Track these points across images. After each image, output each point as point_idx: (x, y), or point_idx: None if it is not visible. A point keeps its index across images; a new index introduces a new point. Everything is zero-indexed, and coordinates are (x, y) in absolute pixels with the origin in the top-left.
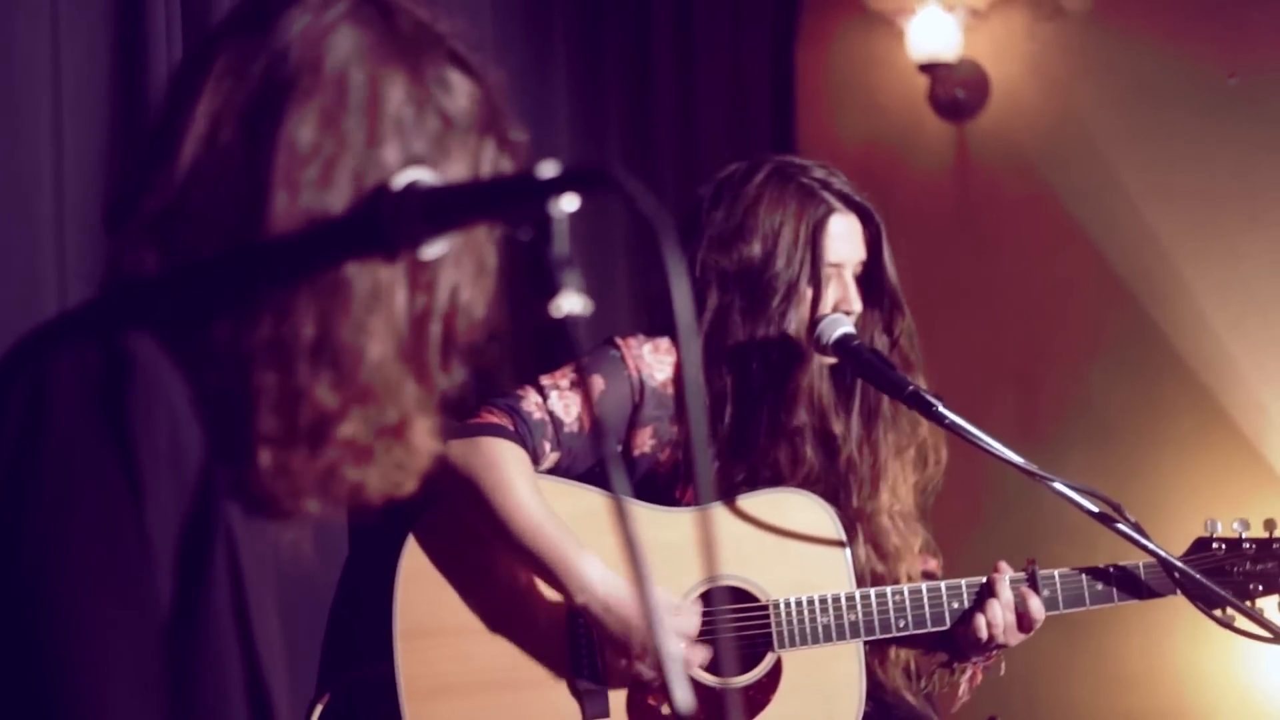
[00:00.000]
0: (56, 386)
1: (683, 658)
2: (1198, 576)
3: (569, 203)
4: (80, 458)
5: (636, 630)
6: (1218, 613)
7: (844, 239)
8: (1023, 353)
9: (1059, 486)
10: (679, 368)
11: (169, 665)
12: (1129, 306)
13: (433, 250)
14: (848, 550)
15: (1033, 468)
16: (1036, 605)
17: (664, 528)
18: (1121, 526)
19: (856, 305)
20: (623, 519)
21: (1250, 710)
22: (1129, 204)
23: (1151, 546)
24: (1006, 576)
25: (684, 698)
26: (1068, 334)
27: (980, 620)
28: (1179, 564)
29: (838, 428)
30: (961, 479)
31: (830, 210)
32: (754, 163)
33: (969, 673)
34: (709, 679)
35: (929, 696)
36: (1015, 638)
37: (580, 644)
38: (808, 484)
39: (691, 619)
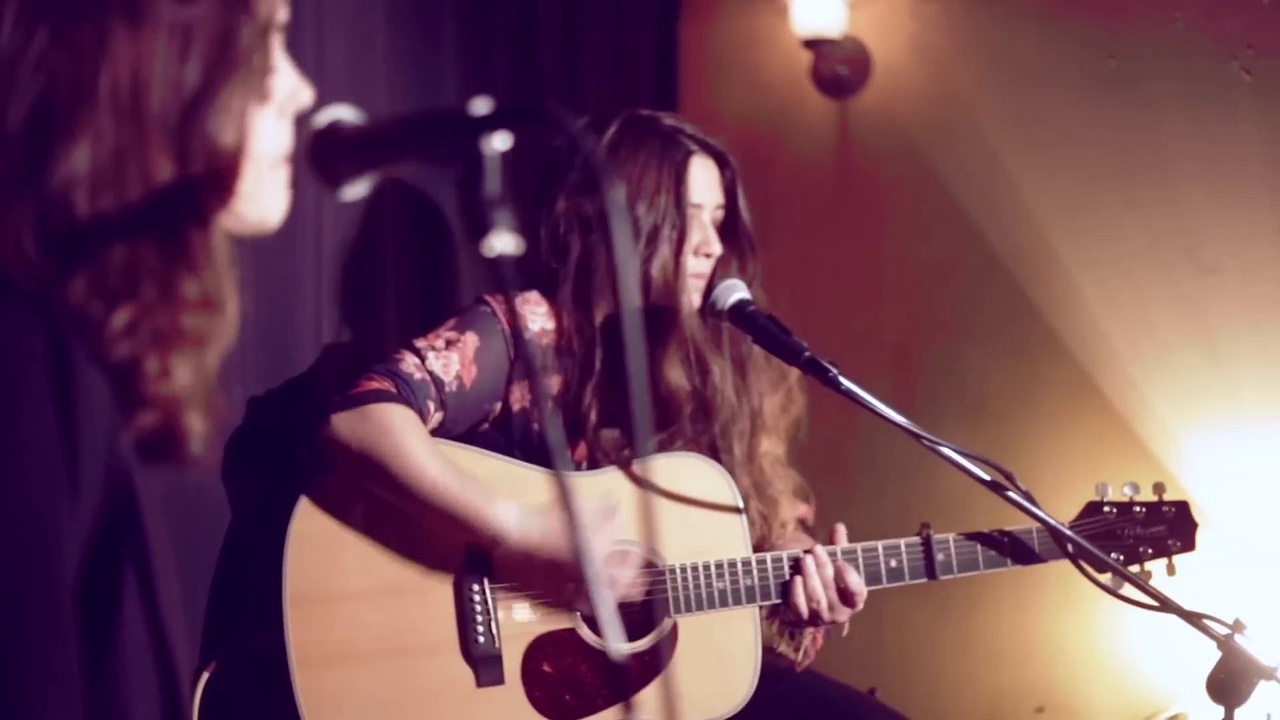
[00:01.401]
0: None
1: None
2: (1087, 546)
3: (502, 141)
4: (14, 433)
5: (565, 565)
6: (1105, 579)
7: (703, 181)
8: (900, 330)
9: (951, 453)
10: (555, 316)
11: (81, 631)
12: (1006, 284)
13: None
14: (744, 515)
15: (925, 434)
16: (855, 581)
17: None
18: (1012, 494)
19: (717, 248)
20: (564, 494)
21: (1120, 684)
22: (1008, 183)
23: (1041, 514)
24: (840, 549)
25: (617, 637)
26: (945, 311)
27: (798, 592)
28: (1068, 532)
29: (715, 375)
30: (836, 456)
31: (689, 153)
32: (605, 115)
33: (809, 637)
34: (598, 642)
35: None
36: (841, 615)
37: (475, 610)
38: (688, 435)
39: (629, 569)
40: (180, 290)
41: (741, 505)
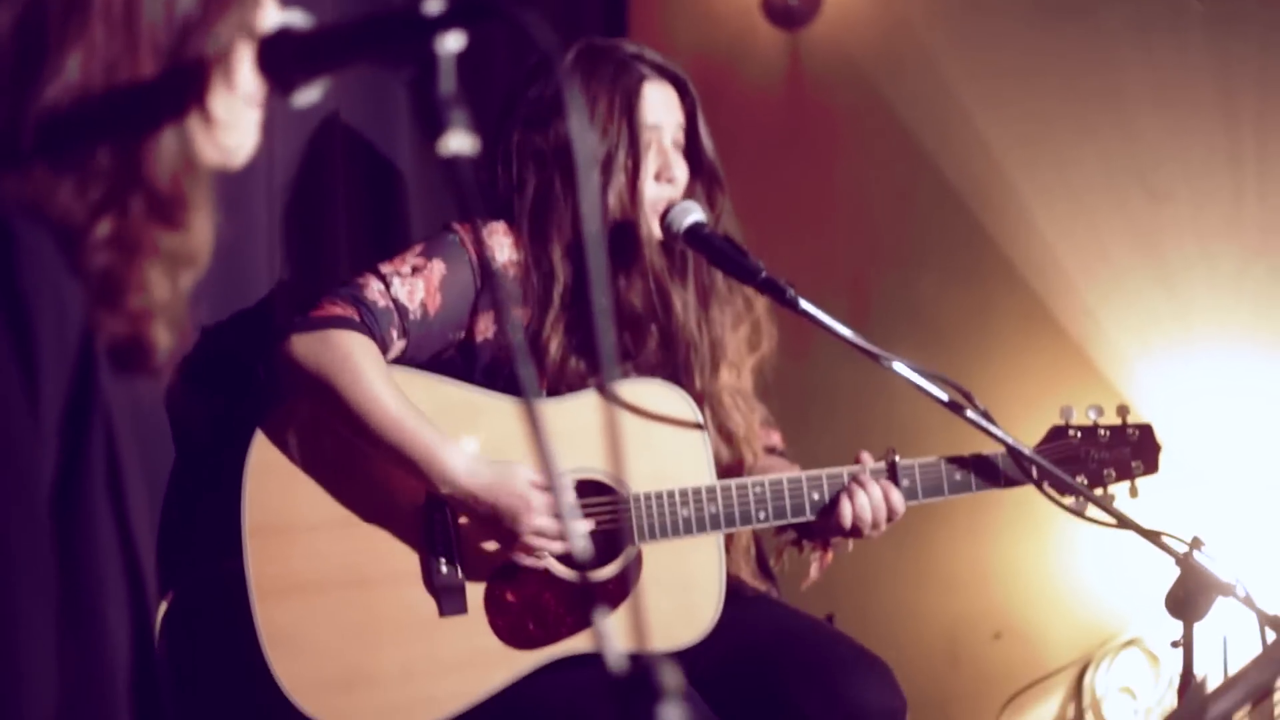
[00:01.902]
0: None
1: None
2: (1044, 463)
3: (455, 40)
4: None
5: (505, 514)
6: (1068, 501)
7: (660, 104)
8: (855, 261)
9: (908, 372)
10: (519, 246)
11: (54, 543)
12: (960, 213)
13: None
14: (708, 442)
15: (882, 352)
16: (898, 498)
17: (519, 420)
18: (971, 414)
19: (679, 172)
20: (532, 421)
21: (1077, 610)
22: (961, 113)
23: (999, 433)
24: (869, 468)
25: (583, 547)
26: (899, 242)
27: (847, 513)
28: (1027, 451)
29: (676, 306)
30: (792, 385)
31: (644, 77)
32: (560, 44)
33: (819, 553)
34: (567, 573)
35: (769, 573)
36: (880, 530)
37: (437, 540)
38: (649, 366)
39: (566, 495)
40: (162, 207)
41: (705, 430)
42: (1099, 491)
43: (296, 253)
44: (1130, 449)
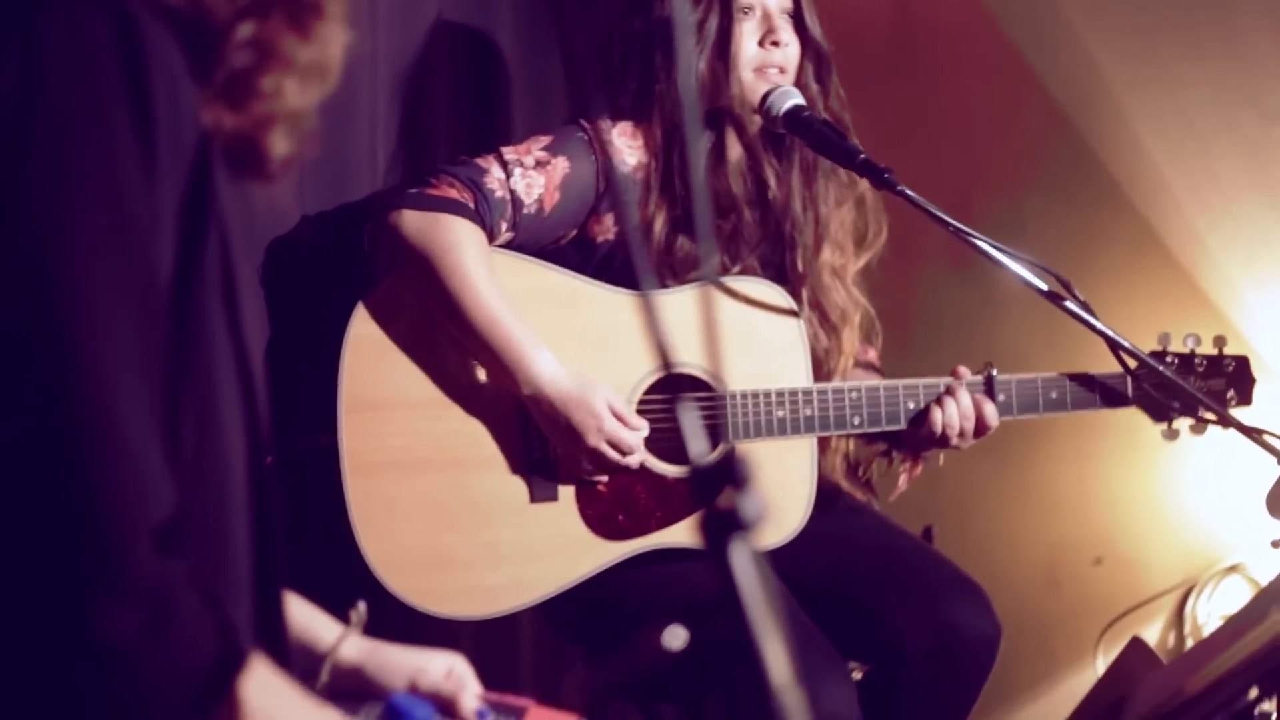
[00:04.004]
0: (54, 48)
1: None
2: (1145, 358)
3: None
4: (85, 121)
5: (576, 429)
6: (1163, 427)
7: None
8: (960, 180)
9: (1006, 259)
10: (651, 150)
11: (168, 342)
12: (1067, 134)
13: None
14: (807, 345)
15: (978, 235)
16: (991, 411)
17: (621, 310)
18: (1070, 305)
19: (786, 36)
20: (649, 313)
21: (1179, 536)
22: (1069, 30)
23: (1098, 324)
24: (965, 381)
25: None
26: (1005, 162)
27: (938, 421)
28: (1126, 343)
29: (776, 183)
30: (897, 310)
31: None
32: None
33: (908, 464)
34: (667, 469)
35: (868, 484)
36: (968, 441)
37: (532, 428)
38: (752, 247)
39: (636, 435)
40: (299, 14)
41: (805, 333)
42: (1192, 421)
43: (399, 147)
44: (1225, 380)
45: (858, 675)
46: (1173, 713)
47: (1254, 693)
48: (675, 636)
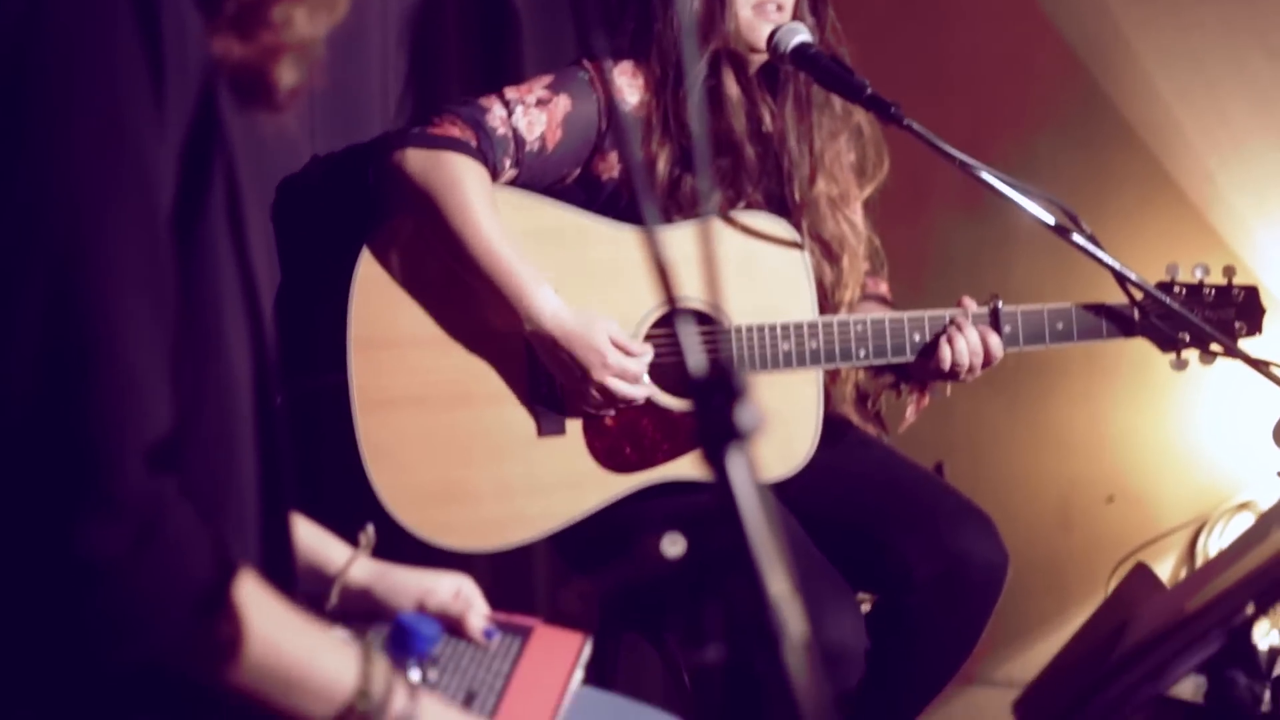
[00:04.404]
0: None
1: (638, 395)
2: (1152, 290)
3: None
4: (91, 43)
5: (579, 365)
6: (1171, 358)
7: None
8: (970, 122)
9: (1012, 192)
10: (651, 89)
11: (172, 266)
12: (1078, 75)
13: None
14: (813, 278)
15: (983, 166)
16: (996, 343)
17: (627, 246)
18: (1077, 238)
19: None
20: (653, 247)
21: (1190, 473)
22: None
23: (1104, 257)
24: (971, 313)
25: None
26: (1017, 103)
27: (945, 355)
28: (1133, 277)
29: (772, 120)
30: (908, 254)
31: None
32: None
33: (915, 395)
34: (674, 401)
35: (878, 416)
36: (974, 374)
37: (539, 363)
38: (755, 184)
39: (640, 361)
40: None
41: (810, 264)
42: (1196, 352)
43: (409, 87)
44: (1235, 310)
45: (867, 608)
46: (1170, 631)
47: (1250, 609)
48: (674, 544)
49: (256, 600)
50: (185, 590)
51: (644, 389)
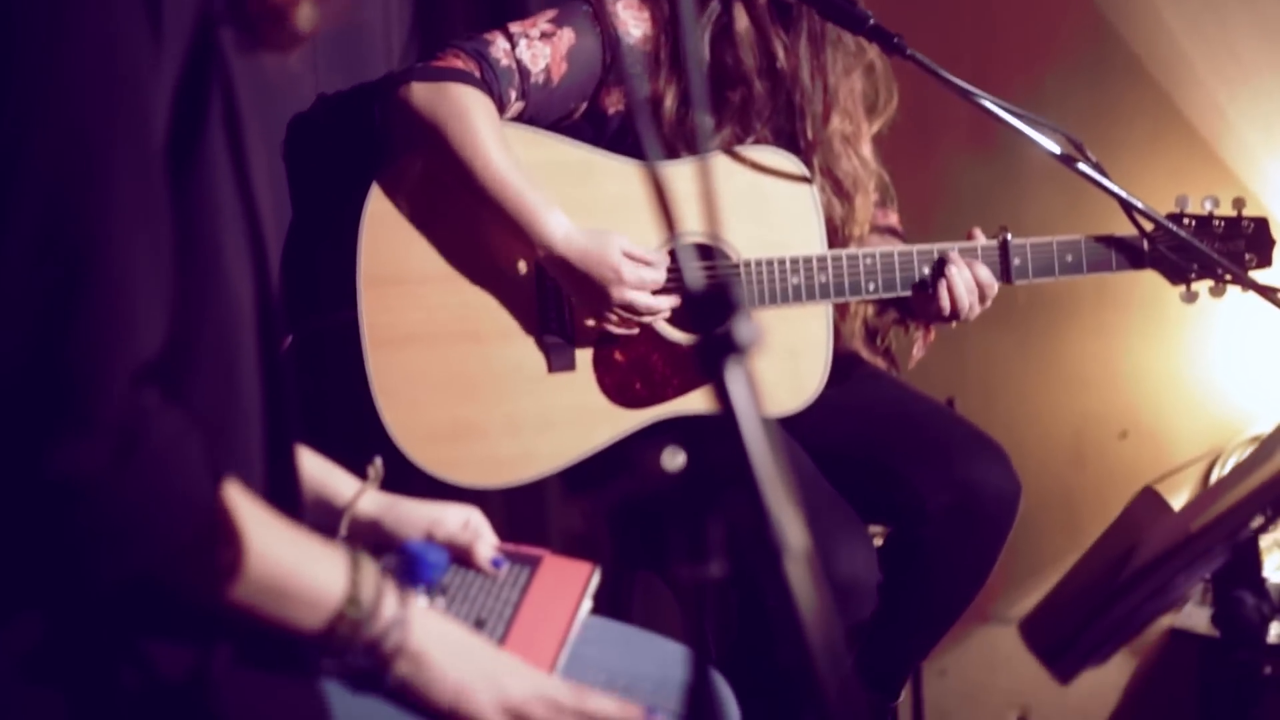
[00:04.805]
0: None
1: (660, 305)
2: (1159, 218)
3: None
4: None
5: (596, 284)
6: (1181, 289)
7: None
8: (976, 58)
9: (1017, 121)
10: (655, 22)
11: (167, 194)
12: (1086, 10)
13: None
14: (821, 212)
15: (988, 96)
16: (986, 275)
17: (634, 181)
18: (1083, 166)
19: None
20: (654, 181)
21: (1202, 408)
22: None
23: (1113, 187)
24: (980, 246)
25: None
26: (1024, 39)
27: (945, 304)
28: (1139, 204)
29: (786, 56)
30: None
31: None
32: None
33: (921, 331)
34: (684, 336)
35: (888, 352)
36: (974, 313)
37: (549, 297)
38: (765, 119)
39: (657, 269)
40: None
41: (819, 199)
42: (1209, 283)
43: (414, 29)
44: (1245, 241)
45: (879, 541)
46: (1176, 549)
47: (1258, 521)
48: (673, 457)
49: (247, 509)
50: (173, 501)
51: (666, 299)
